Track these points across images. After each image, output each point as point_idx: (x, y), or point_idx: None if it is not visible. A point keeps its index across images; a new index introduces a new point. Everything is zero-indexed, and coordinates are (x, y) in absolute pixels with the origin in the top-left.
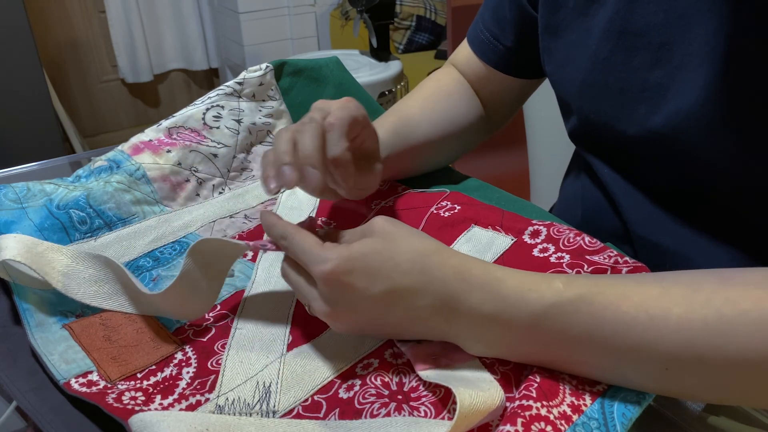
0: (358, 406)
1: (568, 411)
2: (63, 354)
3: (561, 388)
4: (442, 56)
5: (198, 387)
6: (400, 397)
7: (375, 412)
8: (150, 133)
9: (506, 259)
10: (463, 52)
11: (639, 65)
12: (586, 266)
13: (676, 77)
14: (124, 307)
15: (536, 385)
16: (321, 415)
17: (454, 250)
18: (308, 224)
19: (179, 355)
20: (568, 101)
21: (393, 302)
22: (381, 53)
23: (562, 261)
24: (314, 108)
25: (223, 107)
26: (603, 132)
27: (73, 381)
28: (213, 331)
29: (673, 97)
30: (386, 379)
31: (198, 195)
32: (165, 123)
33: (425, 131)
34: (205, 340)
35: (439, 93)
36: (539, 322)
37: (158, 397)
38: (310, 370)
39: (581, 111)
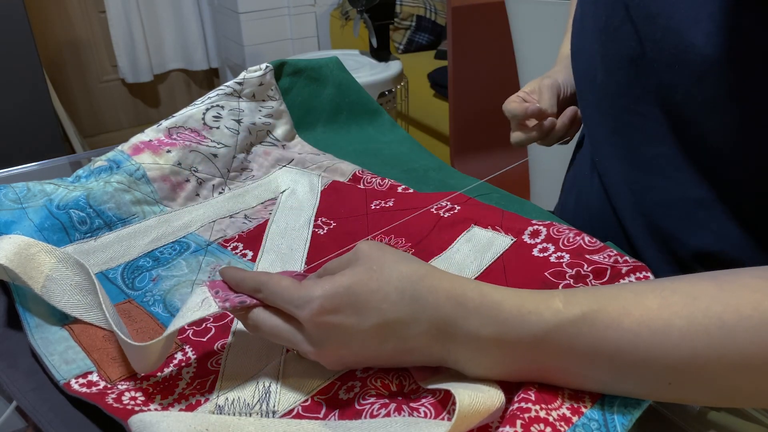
0: (357, 406)
1: (568, 413)
2: (63, 354)
3: (560, 391)
4: (442, 56)
5: (198, 387)
6: (399, 398)
7: (375, 413)
8: (150, 133)
9: (506, 259)
10: None
11: (642, 37)
12: (585, 266)
13: (664, 50)
14: (101, 322)
15: (535, 388)
16: (321, 416)
17: (445, 271)
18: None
19: (179, 355)
20: (582, 70)
21: (385, 335)
22: (381, 53)
23: (561, 261)
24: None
25: (223, 107)
26: (614, 99)
27: (73, 381)
28: (213, 331)
29: (666, 71)
30: (386, 381)
31: (198, 195)
32: (165, 123)
33: None
34: (204, 340)
35: None
36: (540, 344)
37: (158, 397)
38: (310, 371)
39: (595, 79)
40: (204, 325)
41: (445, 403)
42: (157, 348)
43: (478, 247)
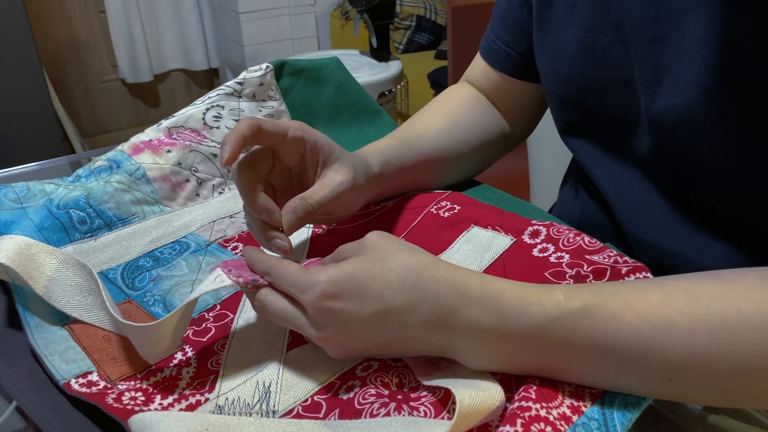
0: (357, 406)
1: (568, 412)
2: (63, 354)
3: (560, 389)
4: (442, 56)
5: (198, 387)
6: (399, 397)
7: (375, 412)
8: (150, 133)
9: (506, 259)
10: (477, 66)
11: (633, 58)
12: (585, 266)
13: (670, 72)
14: (103, 323)
15: (535, 387)
16: (321, 415)
17: (448, 262)
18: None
19: (179, 355)
20: (564, 94)
21: (386, 322)
22: (381, 53)
23: (561, 261)
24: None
25: (223, 107)
26: (605, 123)
27: (73, 381)
28: (213, 331)
29: (666, 92)
30: (386, 380)
31: (198, 195)
32: (165, 123)
33: (438, 144)
34: (204, 339)
35: (452, 107)
36: (541, 335)
37: (158, 397)
38: (311, 371)
39: (582, 103)
40: (204, 325)
41: (445, 402)
42: (171, 326)
43: (478, 247)
